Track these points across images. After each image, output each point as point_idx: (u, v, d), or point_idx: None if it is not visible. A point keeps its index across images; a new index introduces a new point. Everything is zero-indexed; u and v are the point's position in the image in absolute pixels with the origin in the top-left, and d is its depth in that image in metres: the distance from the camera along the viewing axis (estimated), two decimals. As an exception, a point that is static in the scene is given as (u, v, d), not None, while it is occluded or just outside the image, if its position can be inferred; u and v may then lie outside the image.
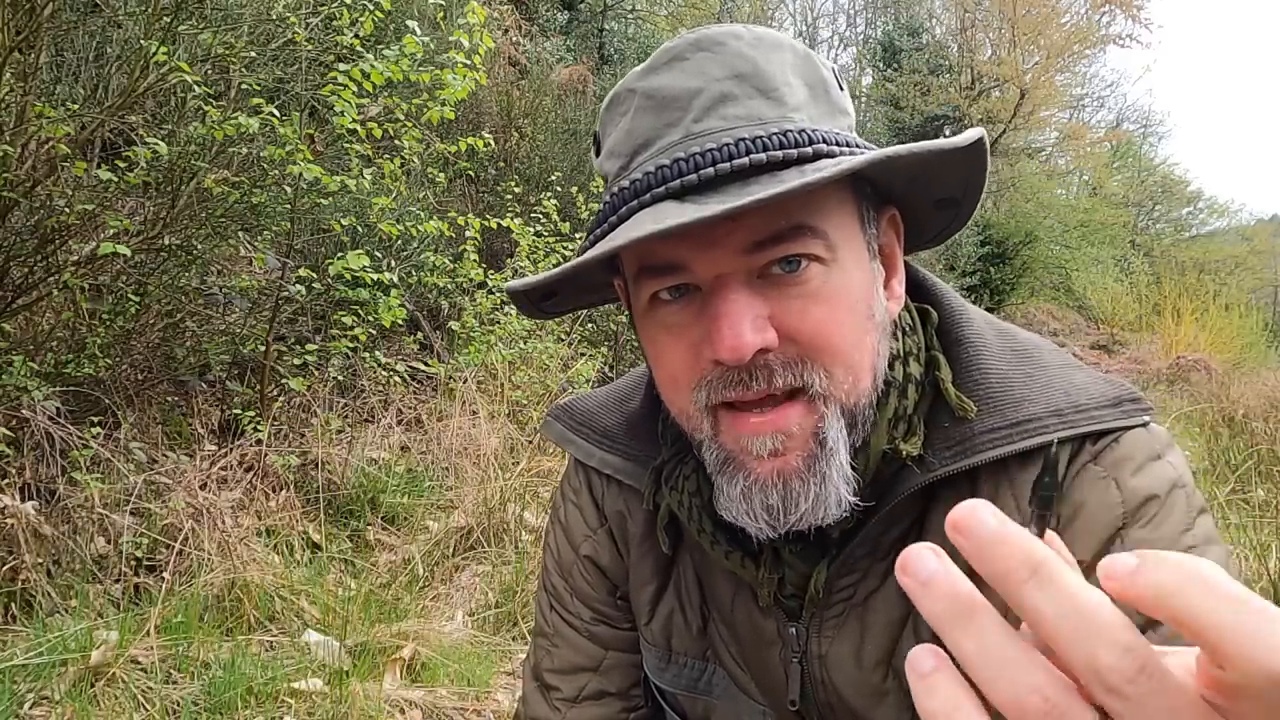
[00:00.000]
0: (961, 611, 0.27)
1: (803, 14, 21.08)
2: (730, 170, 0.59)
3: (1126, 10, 16.43)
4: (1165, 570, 0.25)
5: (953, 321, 0.75)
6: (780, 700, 0.79)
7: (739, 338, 0.59)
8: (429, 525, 3.46)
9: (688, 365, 0.65)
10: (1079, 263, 17.06)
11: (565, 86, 7.88)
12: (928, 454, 0.68)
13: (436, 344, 4.75)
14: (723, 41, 0.65)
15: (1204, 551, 0.65)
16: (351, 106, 3.22)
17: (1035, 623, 0.26)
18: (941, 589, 0.27)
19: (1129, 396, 0.68)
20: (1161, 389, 9.99)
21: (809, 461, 0.63)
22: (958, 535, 0.27)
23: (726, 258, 0.61)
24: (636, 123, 0.65)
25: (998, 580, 0.26)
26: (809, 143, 0.61)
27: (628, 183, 0.64)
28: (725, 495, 0.66)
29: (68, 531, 2.53)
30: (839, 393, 0.63)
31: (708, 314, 0.62)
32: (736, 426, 0.64)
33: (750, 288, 0.62)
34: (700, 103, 0.63)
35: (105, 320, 3.14)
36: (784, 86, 0.64)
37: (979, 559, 0.27)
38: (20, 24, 2.63)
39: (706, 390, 0.64)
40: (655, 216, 0.59)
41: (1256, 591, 1.37)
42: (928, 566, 0.27)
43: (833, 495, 0.63)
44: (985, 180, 0.68)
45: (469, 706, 2.28)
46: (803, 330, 0.62)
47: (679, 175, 0.61)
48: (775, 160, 0.59)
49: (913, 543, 0.29)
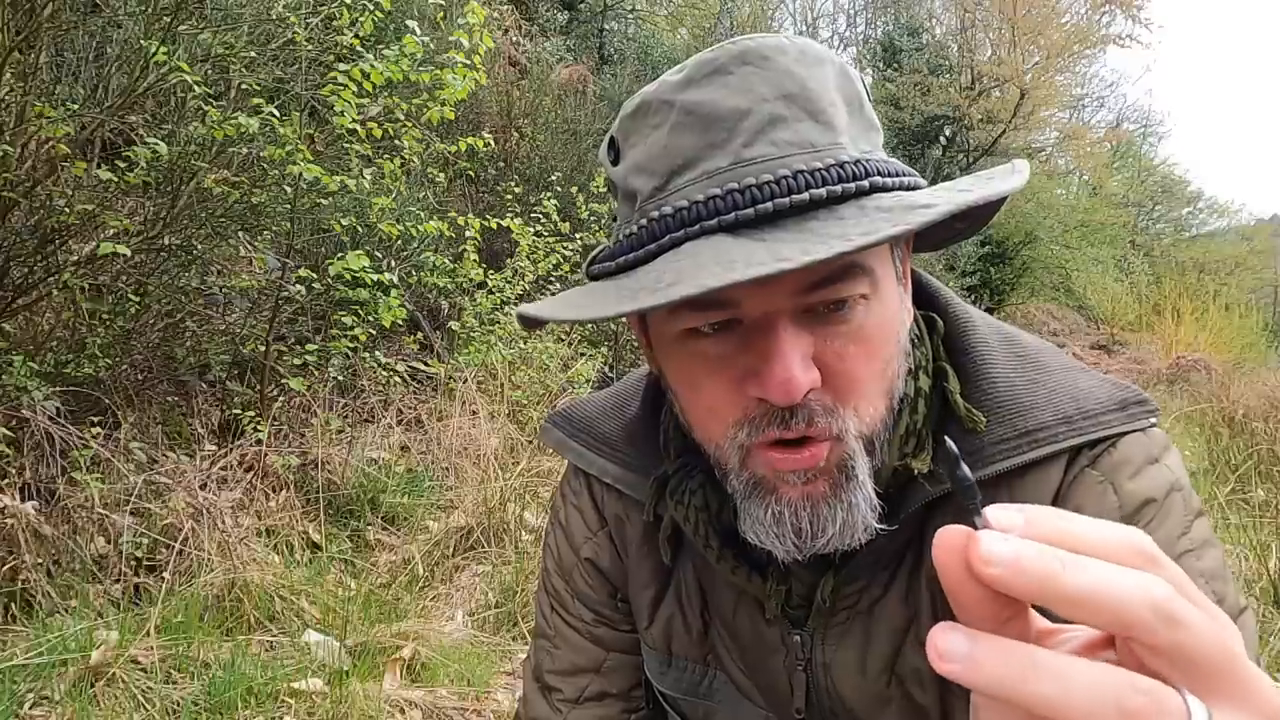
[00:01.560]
0: (1023, 662, 0.28)
1: (803, 14, 21.08)
2: (789, 206, 0.57)
3: (1126, 10, 16.42)
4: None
5: (959, 330, 0.74)
6: (784, 707, 0.79)
7: (791, 379, 0.57)
8: (429, 525, 3.46)
9: (729, 401, 0.63)
10: (1079, 263, 17.04)
11: (565, 86, 7.88)
12: (936, 467, 0.67)
13: (436, 344, 4.75)
14: (769, 56, 0.61)
15: (1201, 554, 0.65)
16: (351, 106, 3.22)
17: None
18: (988, 656, 0.28)
19: (1135, 399, 0.68)
20: (1161, 389, 9.98)
21: (836, 489, 0.62)
22: (1026, 529, 0.30)
23: (779, 298, 0.59)
24: (675, 140, 0.61)
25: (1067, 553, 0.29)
26: (865, 175, 0.59)
27: (670, 210, 0.60)
28: (753, 519, 0.64)
29: (68, 531, 2.53)
30: (864, 428, 0.63)
31: (754, 350, 0.60)
32: (771, 461, 0.63)
33: (797, 324, 0.60)
34: (749, 125, 0.59)
35: (105, 320, 3.14)
36: (830, 108, 0.62)
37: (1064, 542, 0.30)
38: (20, 24, 2.63)
39: (749, 428, 0.62)
40: (715, 253, 0.56)
41: (1256, 591, 1.38)
42: (960, 649, 0.29)
43: (859, 521, 0.63)
44: (1005, 202, 0.67)
45: (469, 706, 2.28)
46: (840, 371, 0.61)
47: (734, 208, 0.58)
48: (834, 195, 0.58)
49: (913, 551, 0.31)
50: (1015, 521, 0.30)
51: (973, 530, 0.30)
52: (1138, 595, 0.28)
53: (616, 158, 0.67)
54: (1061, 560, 0.29)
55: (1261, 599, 2.69)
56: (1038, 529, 0.30)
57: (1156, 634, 0.28)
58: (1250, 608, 0.68)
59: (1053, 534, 0.30)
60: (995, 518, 0.30)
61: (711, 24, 14.27)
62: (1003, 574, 0.29)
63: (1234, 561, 2.99)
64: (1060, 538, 0.30)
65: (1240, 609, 0.65)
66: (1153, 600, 0.28)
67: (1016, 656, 0.28)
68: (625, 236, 0.64)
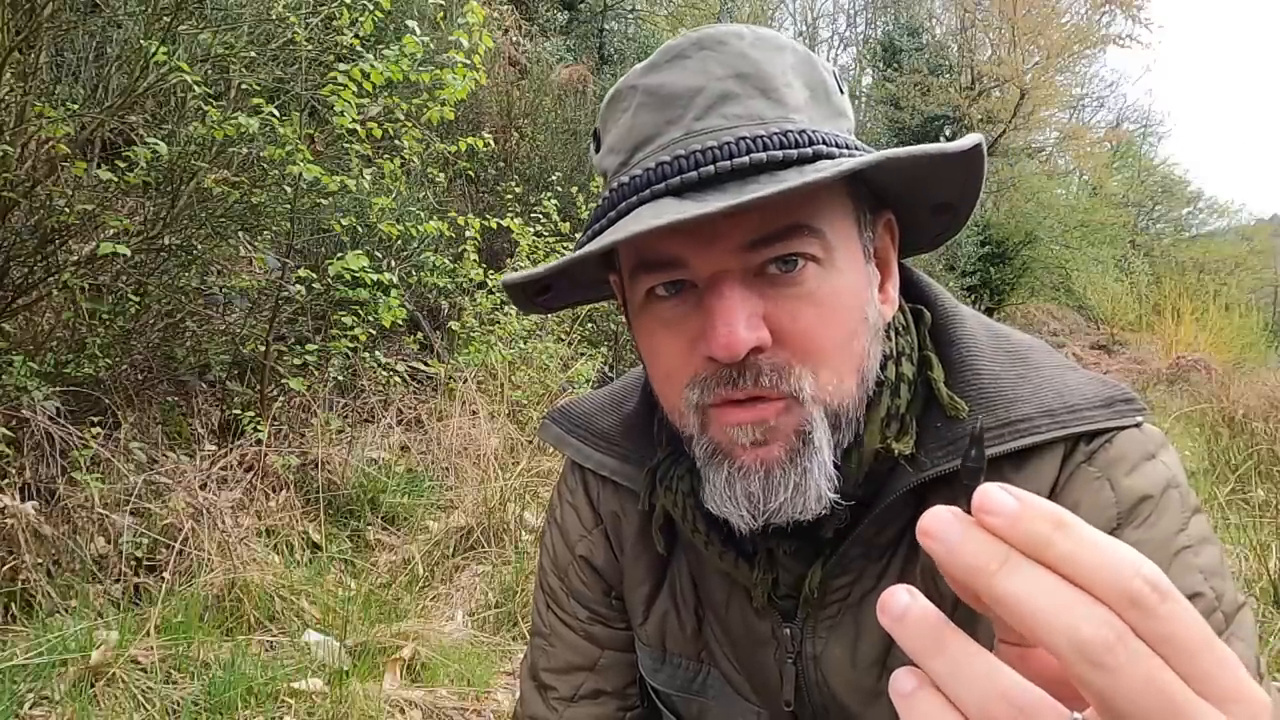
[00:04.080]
0: (933, 638, 0.29)
1: (803, 14, 21.10)
2: (731, 168, 0.60)
3: (1126, 10, 16.44)
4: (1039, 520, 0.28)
5: (946, 322, 0.75)
6: (775, 701, 0.79)
7: (733, 335, 0.60)
8: (429, 525, 3.46)
9: (682, 361, 0.65)
10: (1079, 263, 17.05)
11: (565, 86, 7.88)
12: (920, 454, 0.68)
13: (436, 344, 4.75)
14: (725, 41, 0.65)
15: (1199, 551, 0.65)
16: (351, 106, 3.22)
17: (1075, 574, 0.28)
18: (914, 620, 0.29)
19: (1122, 397, 0.68)
20: (1161, 389, 9.99)
21: (791, 454, 0.63)
22: (984, 515, 0.29)
23: (724, 255, 0.62)
24: (637, 119, 0.66)
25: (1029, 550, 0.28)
26: (809, 143, 0.61)
27: (627, 178, 0.64)
28: (711, 485, 0.66)
29: (68, 531, 2.54)
30: (824, 395, 0.63)
31: (703, 310, 0.63)
32: (721, 418, 0.64)
33: (746, 285, 0.62)
34: (701, 100, 0.63)
35: (105, 320, 3.14)
36: (785, 87, 0.64)
37: (1008, 534, 0.29)
38: (20, 24, 2.64)
39: (700, 388, 0.64)
40: (655, 212, 0.59)
41: (1256, 591, 1.38)
42: (900, 602, 0.30)
43: (813, 489, 0.63)
44: (982, 186, 0.69)
45: (469, 706, 2.28)
46: (794, 332, 0.62)
47: (679, 172, 0.61)
48: (775, 160, 0.60)
49: (906, 543, 0.31)
50: (1006, 505, 0.29)
51: (958, 510, 0.30)
52: (1061, 629, 0.26)
53: (599, 146, 0.72)
54: (1004, 559, 0.28)
55: (1261, 599, 2.69)
56: (1025, 523, 0.28)
57: (1080, 673, 0.26)
58: (1248, 604, 0.68)
59: (1038, 533, 0.28)
60: (985, 497, 0.29)
61: (712, 24, 14.27)
62: (937, 552, 0.29)
63: (1234, 561, 2.99)
64: (1046, 538, 0.28)
65: (1238, 605, 0.65)
66: (1078, 641, 0.26)
67: (932, 631, 0.29)
68: (594, 209, 0.68)
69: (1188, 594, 0.62)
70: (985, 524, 0.29)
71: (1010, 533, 0.28)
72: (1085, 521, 0.66)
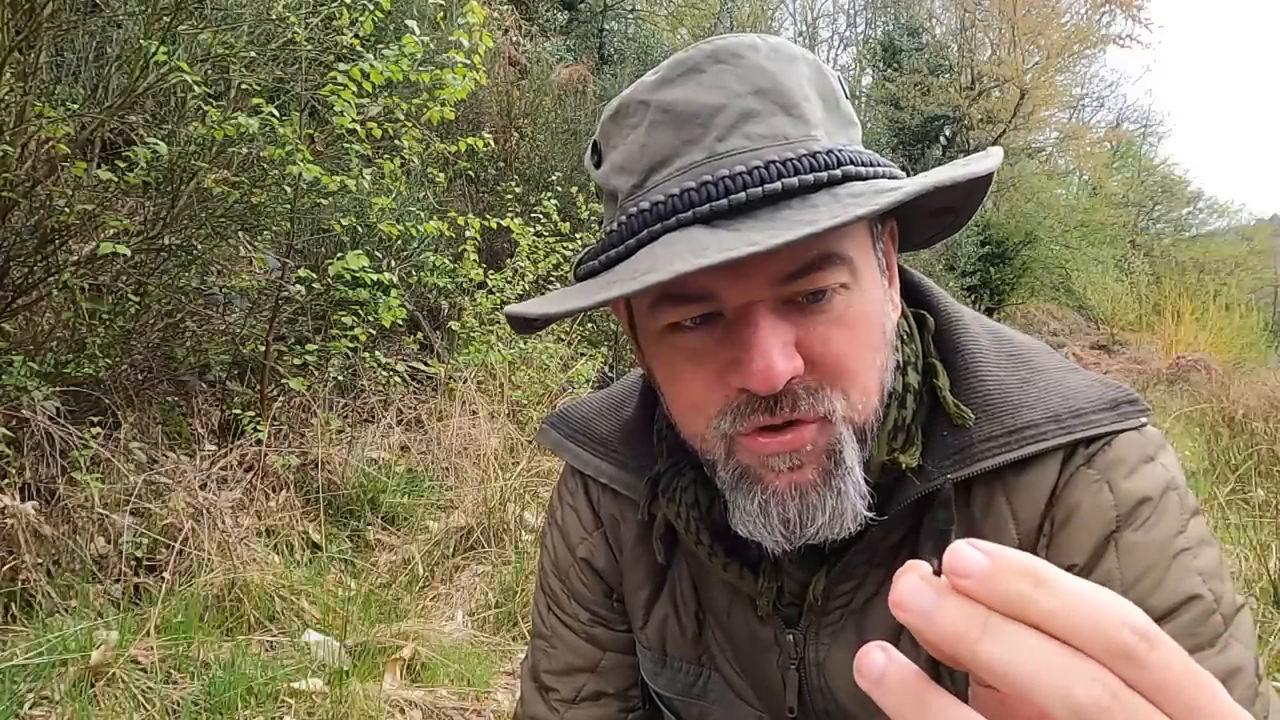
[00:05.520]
0: (914, 698, 0.27)
1: (803, 14, 21.09)
2: (763, 195, 0.58)
3: (1126, 10, 16.43)
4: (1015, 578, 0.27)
5: (949, 328, 0.74)
6: (778, 707, 0.79)
7: (771, 367, 0.58)
8: (429, 525, 3.46)
9: (711, 393, 0.63)
10: (1079, 263, 17.05)
11: (565, 86, 7.88)
12: (927, 463, 0.67)
13: (436, 344, 4.75)
14: (740, 54, 0.62)
15: (1198, 553, 0.64)
16: (351, 106, 3.22)
17: (1060, 631, 0.26)
18: (893, 682, 0.28)
19: (1126, 398, 0.68)
20: (1161, 389, 9.98)
21: (825, 476, 0.62)
22: (956, 578, 0.27)
23: (757, 287, 0.60)
24: (651, 138, 0.62)
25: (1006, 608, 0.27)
26: (837, 164, 0.60)
27: (648, 205, 0.62)
28: (741, 510, 0.65)
29: (68, 531, 2.54)
30: (853, 414, 0.63)
31: (734, 342, 0.61)
32: (752, 445, 0.63)
33: (776, 313, 0.60)
34: (722, 120, 0.61)
35: (105, 320, 3.14)
36: (804, 102, 0.63)
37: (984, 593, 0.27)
38: (20, 24, 2.64)
39: (732, 417, 0.63)
40: (690, 244, 0.56)
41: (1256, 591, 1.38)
42: (877, 664, 0.28)
43: (849, 510, 0.63)
44: (987, 194, 0.68)
45: (469, 706, 2.28)
46: (826, 356, 0.61)
47: (708, 200, 0.59)
48: (806, 184, 0.58)
49: (909, 549, 0.30)
50: (977, 564, 0.27)
51: (927, 570, 0.29)
52: (1054, 692, 0.25)
53: (599, 161, 0.69)
54: (984, 624, 0.26)
55: (1261, 599, 2.69)
56: (1001, 581, 0.27)
57: None
58: (1247, 606, 0.67)
59: (1017, 592, 0.27)
60: (955, 558, 0.27)
61: (712, 24, 14.27)
62: (912, 624, 0.28)
63: (1234, 561, 2.99)
64: (1026, 596, 0.26)
65: (1237, 607, 0.65)
66: (1072, 704, 0.25)
67: (913, 690, 0.27)
68: (607, 234, 0.65)
69: (1186, 596, 0.62)
70: (958, 587, 0.27)
71: (987, 595, 0.27)
72: (1084, 524, 0.65)
